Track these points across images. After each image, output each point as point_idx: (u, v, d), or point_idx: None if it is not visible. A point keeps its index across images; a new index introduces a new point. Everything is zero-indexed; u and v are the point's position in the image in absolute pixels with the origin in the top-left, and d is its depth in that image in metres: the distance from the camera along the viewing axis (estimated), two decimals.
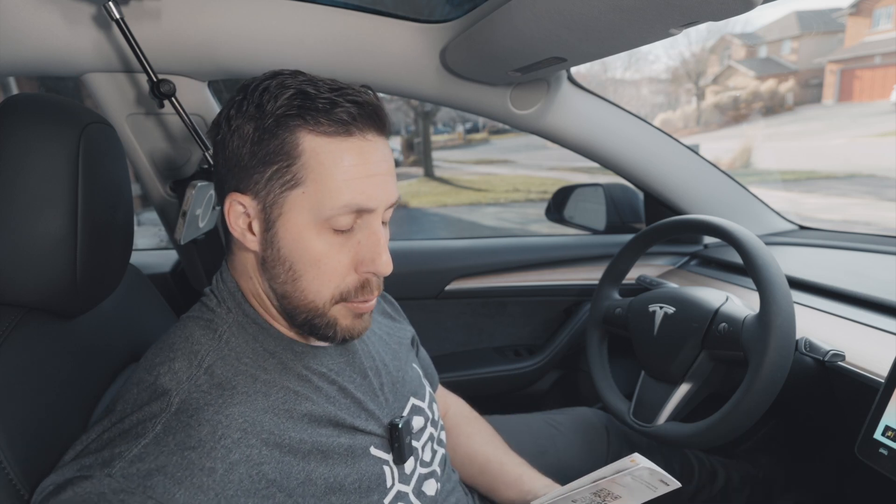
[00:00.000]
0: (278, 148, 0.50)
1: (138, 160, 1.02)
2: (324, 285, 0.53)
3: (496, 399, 1.36)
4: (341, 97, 0.50)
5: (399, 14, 0.96)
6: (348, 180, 0.50)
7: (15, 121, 0.56)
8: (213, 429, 0.48)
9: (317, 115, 0.49)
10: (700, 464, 1.06)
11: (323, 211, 0.51)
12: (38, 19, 0.80)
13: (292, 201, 0.51)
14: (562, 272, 1.37)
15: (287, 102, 0.49)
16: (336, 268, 0.53)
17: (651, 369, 0.92)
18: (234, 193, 0.53)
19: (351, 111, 0.50)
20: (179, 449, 0.46)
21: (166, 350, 0.54)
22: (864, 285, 0.91)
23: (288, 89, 0.50)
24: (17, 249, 0.55)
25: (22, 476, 0.49)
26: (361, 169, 0.51)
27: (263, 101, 0.50)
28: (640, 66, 30.44)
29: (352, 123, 0.50)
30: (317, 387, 0.57)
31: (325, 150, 0.50)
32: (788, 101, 20.68)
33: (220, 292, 0.59)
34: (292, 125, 0.50)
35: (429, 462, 0.68)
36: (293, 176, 0.50)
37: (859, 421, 0.63)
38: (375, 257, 0.53)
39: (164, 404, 0.49)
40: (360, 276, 0.55)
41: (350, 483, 0.55)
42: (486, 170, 14.76)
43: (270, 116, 0.50)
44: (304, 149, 0.50)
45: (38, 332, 0.58)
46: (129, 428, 0.48)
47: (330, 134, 0.50)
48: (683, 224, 0.98)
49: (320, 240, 0.52)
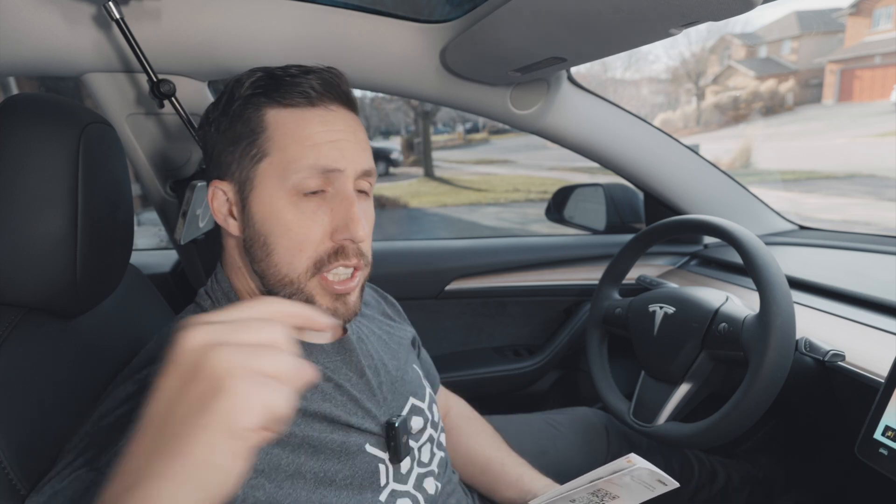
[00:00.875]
0: (245, 126, 0.52)
1: (138, 160, 1.02)
2: (295, 255, 0.53)
3: (496, 399, 1.36)
4: (305, 75, 0.53)
5: (399, 14, 0.96)
6: (313, 145, 0.52)
7: (15, 121, 0.56)
8: None
9: (281, 90, 0.52)
10: (700, 464, 1.06)
11: (289, 175, 0.51)
12: (38, 19, 0.80)
13: (262, 173, 0.52)
14: (562, 272, 1.37)
15: (253, 84, 0.52)
16: (308, 235, 0.53)
17: (651, 369, 0.92)
18: (215, 181, 0.55)
19: (314, 85, 0.52)
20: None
21: (157, 349, 0.54)
22: (864, 285, 0.91)
23: (255, 73, 0.53)
24: (18, 249, 0.55)
25: (21, 476, 0.49)
26: (325, 134, 0.52)
27: (233, 90, 0.53)
28: (640, 66, 30.46)
29: (314, 97, 0.53)
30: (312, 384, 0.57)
31: (289, 119, 0.52)
32: (788, 101, 20.69)
33: (214, 292, 0.60)
34: (257, 103, 0.52)
35: (427, 463, 0.68)
36: (258, 149, 0.52)
37: (859, 421, 0.63)
38: (349, 222, 0.53)
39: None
40: (335, 244, 0.54)
41: (342, 479, 0.55)
42: (486, 170, 14.76)
43: (238, 100, 0.52)
44: (268, 122, 0.52)
45: (38, 332, 0.58)
46: (114, 422, 0.48)
47: (291, 105, 0.52)
48: (683, 224, 0.98)
49: (292, 208, 0.52)
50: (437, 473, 0.69)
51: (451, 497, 0.71)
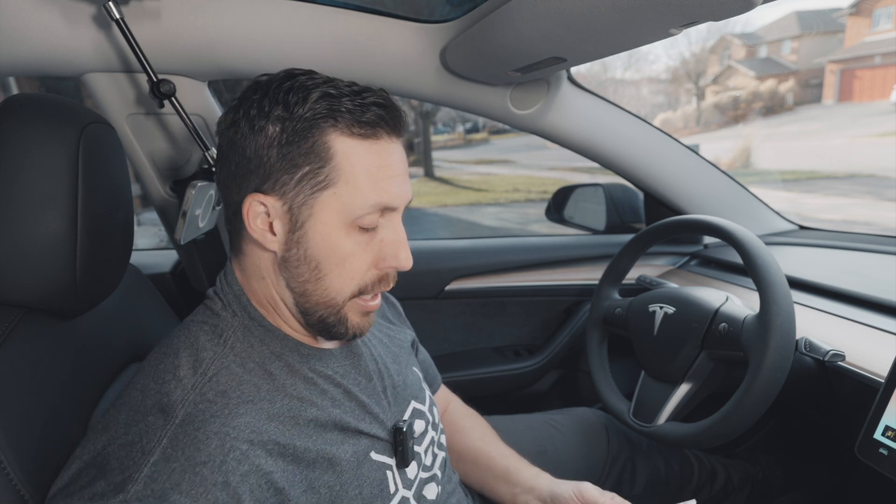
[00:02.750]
0: (310, 150, 0.50)
1: (138, 160, 1.02)
2: (346, 283, 0.55)
3: (496, 399, 1.36)
4: (367, 100, 0.52)
5: (399, 14, 0.96)
6: (376, 181, 0.52)
7: (15, 121, 0.56)
8: (222, 441, 0.47)
9: (348, 117, 0.50)
10: (700, 464, 1.06)
11: (353, 211, 0.52)
12: (38, 19, 0.80)
13: (323, 202, 0.52)
14: (562, 272, 1.37)
15: (316, 104, 0.50)
16: (359, 266, 0.55)
17: (651, 369, 0.92)
18: (256, 194, 0.52)
19: (379, 114, 0.52)
20: (190, 465, 0.46)
21: (171, 356, 0.53)
22: (864, 285, 0.91)
23: (313, 91, 0.51)
24: (17, 249, 0.55)
25: (22, 475, 0.49)
26: (387, 170, 0.53)
27: (290, 101, 0.50)
28: (640, 66, 30.46)
29: (379, 126, 0.52)
30: (322, 390, 0.57)
31: (356, 152, 0.51)
32: (788, 101, 20.70)
33: (224, 295, 0.58)
34: (324, 127, 0.50)
35: (430, 466, 0.68)
36: (325, 177, 0.51)
37: (859, 421, 0.63)
38: (398, 253, 0.55)
39: (170, 416, 0.48)
40: (380, 272, 0.56)
41: (352, 490, 0.54)
42: (486, 170, 14.76)
43: (300, 119, 0.50)
44: (335, 151, 0.51)
45: (38, 333, 0.58)
46: (134, 441, 0.47)
47: (359, 136, 0.52)
48: (683, 224, 0.98)
49: (349, 239, 0.53)
50: (439, 477, 0.69)
51: (452, 497, 0.71)
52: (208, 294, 0.60)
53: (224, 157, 0.55)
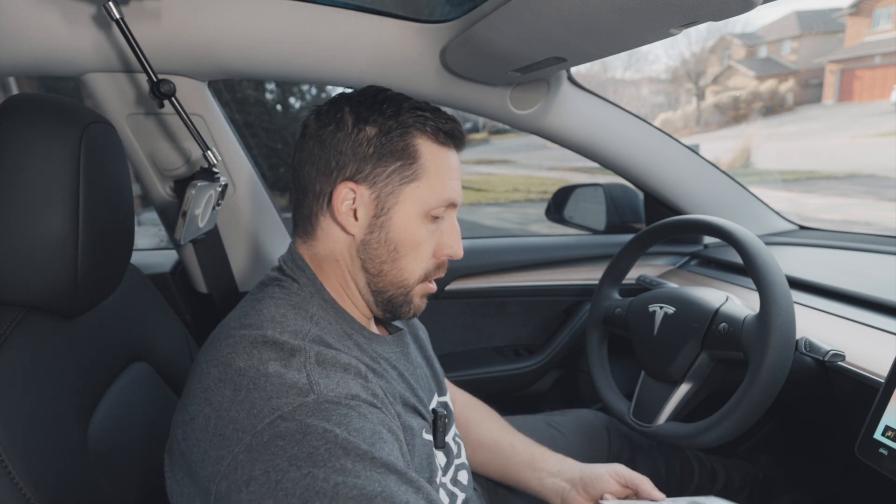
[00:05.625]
0: (403, 149, 0.59)
1: (138, 160, 1.02)
2: (418, 265, 0.63)
3: (496, 399, 1.35)
4: (444, 117, 0.62)
5: (399, 14, 0.96)
6: (449, 181, 0.62)
7: (16, 121, 0.56)
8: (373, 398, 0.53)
9: (435, 128, 0.61)
10: (700, 464, 1.06)
11: (430, 202, 0.61)
12: (38, 19, 0.80)
13: (408, 193, 0.60)
14: (562, 272, 1.37)
15: (409, 114, 0.60)
16: (427, 251, 0.63)
17: (651, 369, 0.92)
18: (347, 182, 0.59)
19: (454, 128, 0.62)
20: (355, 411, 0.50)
21: (270, 326, 0.54)
22: (864, 285, 0.91)
23: (404, 103, 0.61)
24: (18, 249, 0.55)
25: (24, 474, 0.49)
26: (456, 173, 0.63)
27: (385, 110, 0.60)
28: (640, 66, 30.48)
29: (454, 138, 0.63)
30: (385, 369, 0.62)
31: (438, 155, 0.61)
32: (788, 101, 20.71)
33: (299, 276, 0.61)
34: (415, 133, 0.60)
35: (457, 454, 0.73)
36: (413, 172, 0.60)
37: (859, 421, 0.63)
38: (454, 243, 0.65)
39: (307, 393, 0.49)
40: (438, 259, 0.64)
41: (416, 460, 0.59)
42: (486, 170, 14.75)
43: (396, 124, 0.59)
44: (422, 153, 0.60)
45: (38, 332, 0.58)
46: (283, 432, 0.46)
47: (440, 143, 0.62)
48: (683, 224, 0.98)
49: (423, 228, 0.61)
50: (468, 465, 0.75)
51: (470, 486, 0.75)
52: (274, 276, 0.62)
53: (312, 152, 0.61)
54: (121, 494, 0.61)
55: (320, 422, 0.46)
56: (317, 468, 0.43)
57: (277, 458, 0.44)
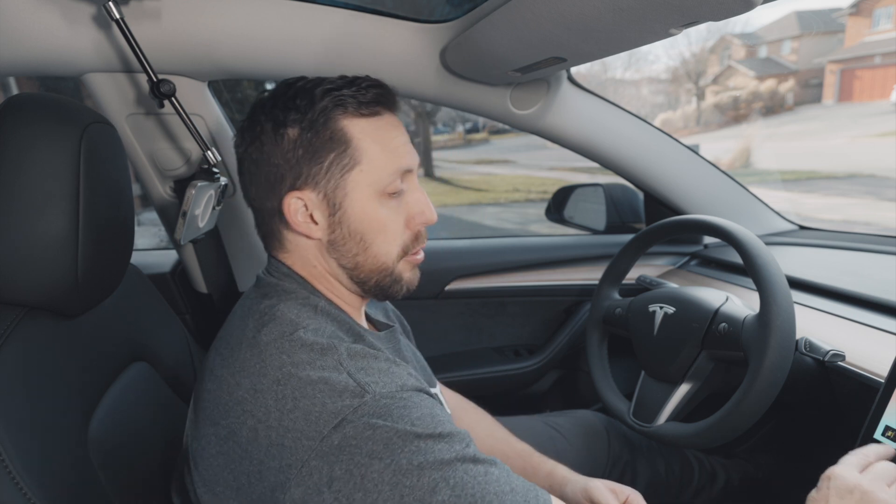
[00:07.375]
0: (330, 139, 0.57)
1: (138, 160, 1.02)
2: (392, 245, 0.61)
3: (496, 399, 1.36)
4: (362, 85, 0.58)
5: (399, 14, 0.96)
6: (391, 150, 0.59)
7: (16, 121, 0.56)
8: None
9: (353, 102, 0.57)
10: (700, 464, 1.06)
11: (381, 181, 0.58)
12: (38, 19, 0.80)
13: (353, 181, 0.58)
14: (562, 272, 1.37)
15: (323, 100, 0.57)
16: (397, 228, 0.61)
17: (651, 369, 0.92)
18: (292, 192, 0.58)
19: (376, 93, 0.58)
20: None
21: (292, 327, 0.54)
22: (864, 285, 0.91)
23: (315, 90, 0.57)
24: (19, 249, 0.55)
25: (25, 474, 0.49)
26: (396, 139, 0.60)
27: (299, 105, 0.57)
28: (640, 66, 30.47)
29: (379, 103, 0.59)
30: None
31: (369, 129, 0.58)
32: (788, 101, 20.70)
33: (290, 280, 0.61)
34: (335, 116, 0.57)
35: None
36: (350, 158, 0.57)
37: (859, 421, 0.63)
38: (424, 209, 0.63)
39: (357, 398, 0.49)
40: (413, 230, 0.63)
41: None
42: (486, 170, 14.75)
43: (313, 116, 0.56)
44: (351, 134, 0.57)
45: (39, 332, 0.58)
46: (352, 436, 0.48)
47: (366, 116, 0.58)
48: (683, 224, 0.98)
49: (383, 207, 0.59)
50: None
51: None
52: (271, 281, 0.61)
53: (250, 172, 0.60)
54: (121, 494, 0.61)
55: (384, 420, 0.48)
56: (396, 455, 0.46)
57: (356, 456, 0.46)
